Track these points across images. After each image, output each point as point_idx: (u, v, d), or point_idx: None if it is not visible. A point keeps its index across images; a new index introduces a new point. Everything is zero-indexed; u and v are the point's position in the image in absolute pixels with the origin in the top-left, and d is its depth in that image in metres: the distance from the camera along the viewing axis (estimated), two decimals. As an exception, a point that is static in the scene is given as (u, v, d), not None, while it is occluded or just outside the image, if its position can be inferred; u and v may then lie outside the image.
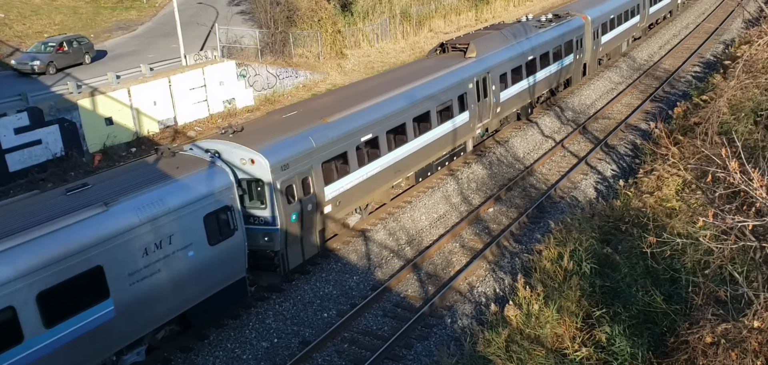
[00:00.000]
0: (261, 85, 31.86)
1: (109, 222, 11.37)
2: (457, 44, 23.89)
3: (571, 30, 28.44)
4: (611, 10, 33.07)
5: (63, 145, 23.80)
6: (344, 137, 16.78)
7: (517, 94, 24.77)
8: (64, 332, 10.84)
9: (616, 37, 34.32)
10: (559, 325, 12.65)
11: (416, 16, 45.35)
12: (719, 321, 10.01)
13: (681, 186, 16.87)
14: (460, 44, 23.74)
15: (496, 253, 17.13)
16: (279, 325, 14.61)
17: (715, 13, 47.24)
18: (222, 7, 44.29)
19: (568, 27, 28.41)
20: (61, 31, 38.27)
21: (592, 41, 30.57)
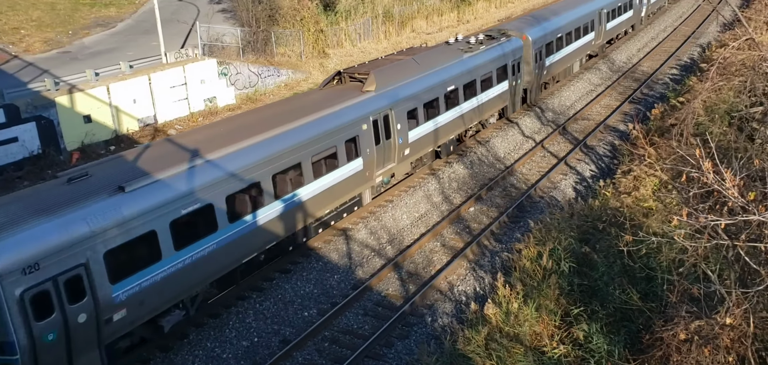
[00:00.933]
0: (242, 84, 31.69)
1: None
2: (355, 73, 20.39)
3: (505, 53, 25.09)
4: (558, 28, 29.70)
5: (40, 143, 23.43)
6: (148, 214, 12.30)
7: (433, 132, 21.27)
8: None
9: (565, 58, 30.87)
10: (537, 323, 12.78)
11: (399, 17, 45.42)
12: (693, 318, 10.19)
13: (658, 187, 17.15)
14: (359, 74, 20.25)
15: (476, 252, 17.25)
16: (259, 324, 14.56)
17: (692, 16, 48.02)
18: (203, 5, 43.94)
19: (502, 50, 24.98)
20: (38, 28, 37.66)
21: (533, 64, 27.30)
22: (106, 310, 11.56)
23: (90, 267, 11.23)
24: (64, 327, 10.96)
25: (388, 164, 19.51)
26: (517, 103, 27.21)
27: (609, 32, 36.55)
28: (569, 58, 31.56)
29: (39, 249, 10.60)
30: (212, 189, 13.45)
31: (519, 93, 27.02)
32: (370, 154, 18.29)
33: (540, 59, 27.92)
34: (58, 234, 10.91)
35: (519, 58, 26.22)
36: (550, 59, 29.17)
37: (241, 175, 14.12)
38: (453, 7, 50.30)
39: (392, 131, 19.20)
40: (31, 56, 32.51)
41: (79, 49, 34.49)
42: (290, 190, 15.54)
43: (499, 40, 25.61)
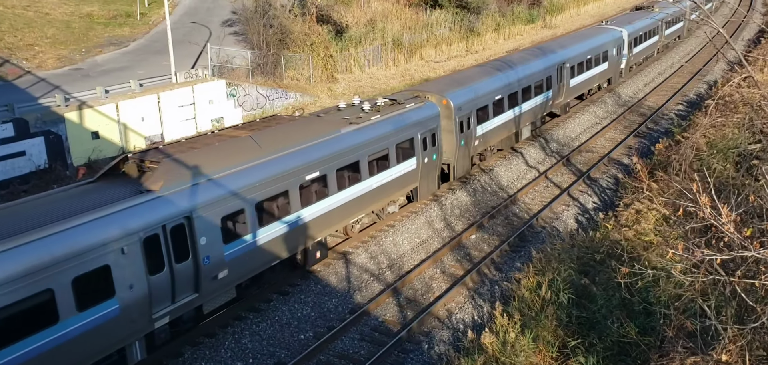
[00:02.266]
0: (250, 105, 32.02)
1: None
2: (145, 160, 14.01)
3: (412, 123, 19.85)
4: (496, 88, 24.38)
5: (47, 158, 23.72)
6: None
7: (274, 241, 15.32)
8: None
9: (507, 124, 25.54)
10: (534, 354, 12.69)
11: (408, 45, 45.91)
12: (689, 353, 10.11)
13: (659, 221, 17.09)
14: (150, 162, 13.82)
15: (476, 280, 17.19)
16: (255, 345, 14.53)
17: (691, 61, 48.20)
18: (215, 27, 44.61)
19: (407, 119, 19.70)
20: (52, 45, 38.35)
21: (458, 134, 22.06)
22: None
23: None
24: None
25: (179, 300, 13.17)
26: (433, 183, 21.59)
27: (574, 89, 31.37)
28: (512, 124, 25.85)
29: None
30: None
31: (434, 171, 21.45)
32: (136, 289, 12.18)
33: (468, 128, 22.72)
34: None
35: (434, 128, 20.89)
36: (484, 127, 23.75)
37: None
38: (462, 37, 50.80)
39: (196, 246, 13.21)
40: (44, 72, 33.06)
41: (91, 66, 35.04)
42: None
43: (404, 106, 20.31)
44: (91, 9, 48.70)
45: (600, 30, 36.90)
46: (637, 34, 39.70)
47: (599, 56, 33.60)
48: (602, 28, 38.30)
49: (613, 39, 35.59)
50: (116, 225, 11.89)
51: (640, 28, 40.60)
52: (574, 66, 30.59)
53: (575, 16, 67.55)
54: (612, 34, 35.93)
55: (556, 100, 29.61)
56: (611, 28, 37.29)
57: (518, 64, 27.00)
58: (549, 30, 58.82)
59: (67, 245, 11.20)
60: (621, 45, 36.67)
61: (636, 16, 43.73)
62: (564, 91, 30.11)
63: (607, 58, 34.66)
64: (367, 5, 49.60)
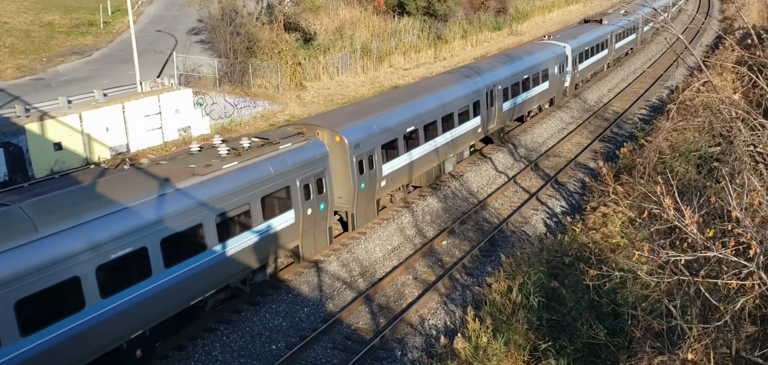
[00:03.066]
0: (218, 114, 31.63)
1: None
2: None
3: (289, 168, 16.42)
4: (407, 119, 21.04)
5: (7, 169, 23.00)
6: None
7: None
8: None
9: (424, 158, 22.15)
10: (506, 358, 12.80)
11: (376, 52, 46.03)
12: (656, 353, 10.31)
13: (625, 223, 17.46)
14: None
15: (448, 286, 17.27)
16: (226, 357, 14.30)
17: (660, 60, 49.56)
18: (181, 35, 44.02)
19: (281, 164, 16.21)
20: (11, 54, 37.27)
21: (355, 177, 18.78)
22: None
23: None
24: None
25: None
26: (322, 238, 18.11)
27: (509, 113, 28.39)
28: (431, 158, 22.64)
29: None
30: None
31: (324, 223, 18.01)
32: None
33: (371, 168, 19.42)
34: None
35: (321, 171, 17.51)
36: (392, 166, 20.41)
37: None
38: (430, 45, 51.19)
39: None
40: (3, 82, 32.12)
41: (53, 76, 34.17)
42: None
43: (278, 146, 16.62)
44: (52, 17, 47.55)
45: (540, 46, 34.28)
46: (582, 49, 37.02)
47: (538, 75, 30.72)
48: (543, 43, 35.32)
49: (554, 56, 32.99)
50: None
51: (587, 43, 37.94)
52: (507, 88, 27.65)
53: (540, 24, 68.76)
54: (553, 51, 33.30)
55: (488, 126, 26.59)
56: (553, 44, 34.60)
57: (437, 89, 23.79)
58: (515, 37, 59.74)
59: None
60: (564, 62, 34.03)
61: (583, 29, 40.85)
62: (496, 116, 27.13)
63: (547, 76, 31.89)
64: (335, 13, 49.61)
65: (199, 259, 13.94)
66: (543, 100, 32.50)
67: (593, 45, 39.04)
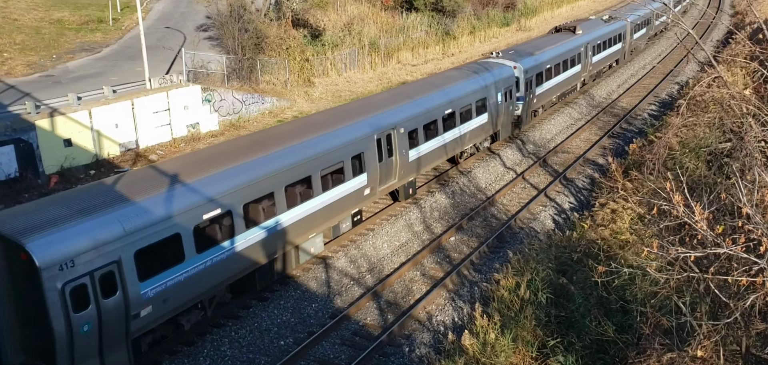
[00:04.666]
0: (226, 111, 31.72)
1: None
2: None
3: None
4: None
5: (18, 166, 23.16)
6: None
7: None
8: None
9: (269, 241, 15.49)
10: (514, 354, 12.79)
11: (384, 48, 45.97)
12: (665, 350, 10.28)
13: (634, 219, 17.38)
14: None
15: (455, 282, 17.26)
16: (234, 352, 14.37)
17: (670, 55, 49.17)
18: (190, 32, 44.15)
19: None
20: (21, 51, 37.54)
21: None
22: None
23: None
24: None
25: None
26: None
27: (422, 161, 21.63)
28: (273, 243, 15.67)
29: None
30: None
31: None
32: None
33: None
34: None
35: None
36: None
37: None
38: (438, 41, 51.07)
39: None
40: (13, 79, 32.33)
41: (62, 73, 34.39)
42: None
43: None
44: (62, 14, 47.83)
45: (479, 68, 26.98)
46: (542, 68, 30.10)
47: (470, 108, 24.17)
48: (485, 64, 27.96)
49: (497, 79, 26.13)
50: None
51: (548, 60, 30.91)
52: (416, 129, 20.97)
53: (549, 19, 68.41)
54: (496, 73, 26.42)
55: (382, 182, 19.74)
56: (498, 64, 27.76)
57: (296, 139, 16.84)
58: (524, 32, 59.48)
59: None
60: (512, 86, 27.40)
61: (546, 42, 33.78)
62: (397, 169, 20.25)
63: (486, 107, 25.31)
64: (343, 9, 49.57)
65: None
66: (478, 138, 25.50)
67: (558, 61, 32.03)
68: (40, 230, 11.19)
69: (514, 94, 27.74)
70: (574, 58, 34.19)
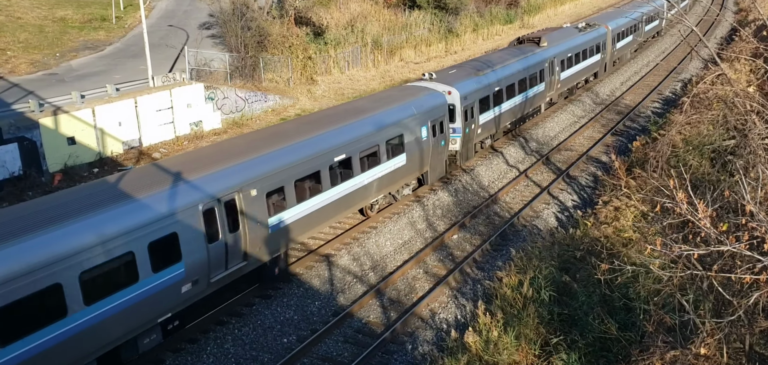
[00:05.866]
0: (229, 108, 31.76)
1: None
2: None
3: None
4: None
5: (22, 164, 23.24)
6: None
7: None
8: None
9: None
10: (517, 352, 12.78)
11: (387, 46, 45.95)
12: (668, 348, 10.26)
13: (637, 217, 17.35)
14: None
15: (458, 280, 17.26)
16: (238, 350, 14.41)
17: (674, 52, 49.01)
18: (193, 30, 44.20)
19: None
20: (25, 49, 37.64)
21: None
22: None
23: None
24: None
25: None
26: None
27: (315, 218, 17.19)
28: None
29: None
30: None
31: None
32: None
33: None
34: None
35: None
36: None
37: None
38: (441, 38, 51.02)
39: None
40: (17, 77, 32.44)
41: (66, 71, 34.48)
42: None
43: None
44: (65, 13, 47.94)
45: (400, 95, 21.99)
46: (488, 92, 25.21)
47: (377, 150, 19.17)
48: (408, 90, 22.97)
49: (423, 110, 21.24)
50: None
51: (497, 81, 26.02)
52: (282, 188, 15.93)
53: (552, 16, 68.29)
54: (420, 104, 21.39)
55: (220, 273, 14.32)
56: (425, 90, 22.56)
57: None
58: (527, 30, 59.36)
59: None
60: (444, 117, 22.37)
61: (500, 58, 28.64)
62: (247, 245, 14.92)
63: (405, 146, 20.37)
64: (345, 7, 49.55)
65: None
66: (394, 185, 20.60)
67: (513, 81, 27.28)
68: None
69: (446, 127, 22.69)
70: (535, 75, 29.32)
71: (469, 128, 24.28)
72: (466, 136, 24.10)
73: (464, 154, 24.60)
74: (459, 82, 24.12)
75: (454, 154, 24.16)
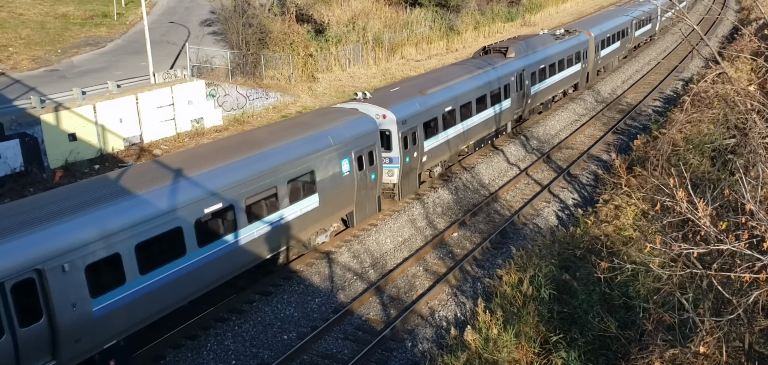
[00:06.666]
0: (230, 105, 31.77)
1: None
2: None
3: None
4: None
5: (23, 160, 23.26)
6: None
7: None
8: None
9: None
10: (516, 350, 12.79)
11: (388, 43, 45.93)
12: (668, 346, 10.28)
13: (638, 216, 17.35)
14: None
15: (458, 278, 17.27)
16: (238, 347, 14.44)
17: (675, 51, 48.95)
18: (194, 27, 44.20)
19: None
20: (26, 45, 37.66)
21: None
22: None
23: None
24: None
25: None
26: None
27: (169, 292, 13.37)
28: None
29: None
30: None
31: None
32: None
33: None
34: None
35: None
36: None
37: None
38: (442, 36, 50.98)
39: None
40: (18, 73, 32.47)
41: (67, 67, 34.50)
42: None
43: None
44: (67, 9, 47.94)
45: (315, 121, 18.44)
46: (436, 113, 21.97)
47: (274, 192, 15.70)
48: (330, 114, 19.55)
49: (344, 140, 17.83)
50: None
51: (447, 100, 22.67)
52: (158, 237, 12.74)
53: (554, 14, 68.21)
54: (340, 132, 17.94)
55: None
56: (348, 115, 19.24)
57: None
58: (528, 28, 59.30)
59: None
60: (374, 146, 19.02)
61: (460, 71, 25.41)
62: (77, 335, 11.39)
63: (315, 185, 16.92)
64: (346, 4, 49.52)
65: None
66: (305, 232, 17.14)
67: (467, 100, 23.87)
68: None
69: (378, 158, 19.29)
70: (499, 90, 26.10)
71: (411, 156, 20.80)
72: (406, 166, 20.74)
73: (406, 186, 21.17)
74: (397, 103, 20.81)
75: (391, 187, 20.97)
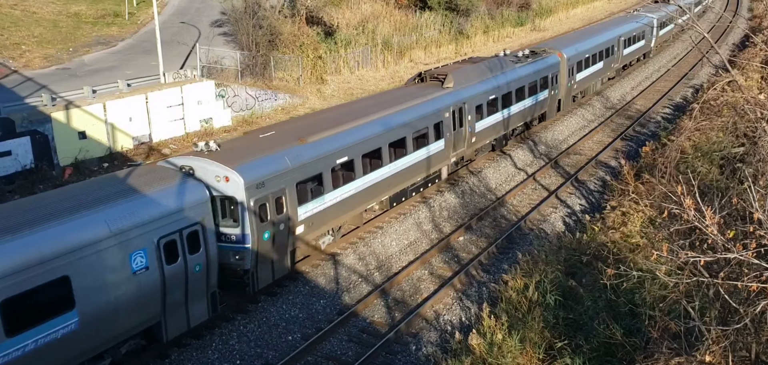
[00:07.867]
0: (239, 106, 31.91)
1: None
2: None
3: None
4: None
5: (33, 158, 23.47)
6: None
7: None
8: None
9: None
10: (521, 355, 12.76)
11: (397, 47, 45.97)
12: (673, 354, 10.21)
13: (645, 223, 17.26)
14: None
15: (464, 282, 17.25)
16: (243, 347, 14.48)
17: (685, 58, 48.66)
18: (204, 27, 44.42)
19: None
20: (39, 44, 37.99)
21: None
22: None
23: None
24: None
25: None
26: None
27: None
28: None
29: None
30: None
31: None
32: None
33: None
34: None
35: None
36: None
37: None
38: (452, 40, 50.96)
39: None
40: (31, 71, 32.75)
41: (78, 66, 34.77)
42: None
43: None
44: (79, 8, 48.33)
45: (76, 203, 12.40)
46: (325, 167, 16.88)
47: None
48: (136, 178, 13.95)
49: (135, 224, 12.41)
50: None
51: (341, 149, 17.43)
52: None
53: (564, 20, 68.03)
54: (146, 211, 12.71)
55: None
56: (165, 182, 13.85)
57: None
58: (538, 33, 59.17)
59: None
60: (198, 224, 13.59)
61: (373, 105, 20.73)
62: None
63: (75, 302, 11.51)
64: (356, 6, 49.63)
65: None
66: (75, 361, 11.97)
67: (375, 146, 18.76)
68: None
69: (207, 243, 13.78)
70: (427, 130, 20.88)
71: (275, 230, 15.26)
72: (265, 245, 15.06)
73: (265, 271, 15.43)
74: (250, 160, 15.18)
75: (241, 275, 15.10)
